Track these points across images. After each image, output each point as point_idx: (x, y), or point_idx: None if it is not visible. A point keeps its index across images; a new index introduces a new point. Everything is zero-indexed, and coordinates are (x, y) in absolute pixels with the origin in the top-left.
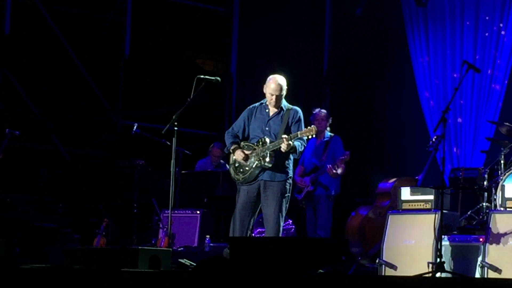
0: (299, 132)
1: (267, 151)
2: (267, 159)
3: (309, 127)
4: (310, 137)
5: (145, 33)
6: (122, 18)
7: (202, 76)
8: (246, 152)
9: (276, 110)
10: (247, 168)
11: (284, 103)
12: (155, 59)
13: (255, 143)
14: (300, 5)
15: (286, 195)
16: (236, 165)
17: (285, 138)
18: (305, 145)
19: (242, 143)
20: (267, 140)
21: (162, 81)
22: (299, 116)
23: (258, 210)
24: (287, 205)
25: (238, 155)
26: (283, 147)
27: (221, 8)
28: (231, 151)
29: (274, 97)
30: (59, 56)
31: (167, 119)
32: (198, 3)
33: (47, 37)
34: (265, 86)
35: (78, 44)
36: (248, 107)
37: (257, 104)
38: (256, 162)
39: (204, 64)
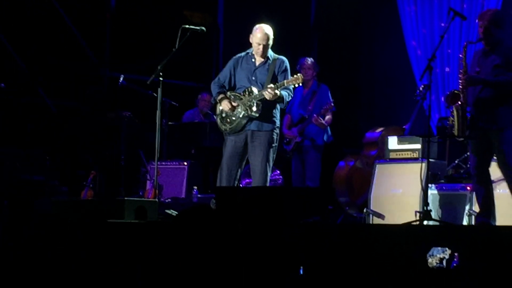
0: (285, 81)
1: (253, 100)
2: (254, 109)
3: (295, 76)
4: (296, 85)
5: None
6: None
7: (187, 26)
8: (233, 102)
9: (262, 60)
10: (234, 118)
11: (270, 53)
12: (141, 11)
13: (242, 93)
14: None
15: (274, 145)
16: (223, 115)
17: (270, 87)
18: (292, 95)
19: (228, 93)
20: (254, 89)
21: (149, 33)
22: (286, 66)
23: (245, 160)
24: (275, 155)
25: (224, 105)
26: (267, 96)
27: None
28: (217, 101)
29: (261, 46)
30: (44, 9)
31: (154, 71)
32: None
33: None
34: (251, 36)
35: None
36: (234, 57)
37: (243, 54)
38: (243, 112)
39: (192, 17)
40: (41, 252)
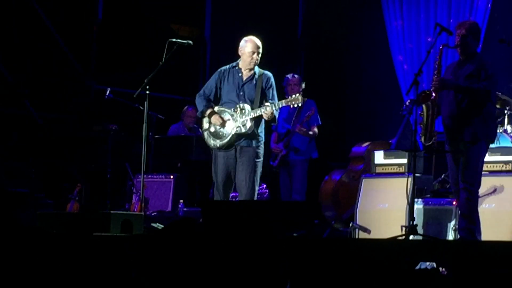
0: (284, 101)
1: (247, 118)
2: (247, 126)
3: (294, 96)
4: (295, 106)
5: None
6: None
7: (173, 40)
8: (223, 117)
9: (249, 74)
10: (224, 134)
11: (256, 68)
12: (128, 24)
13: (233, 109)
14: None
15: (260, 160)
16: (212, 130)
17: (269, 107)
18: (279, 112)
19: (217, 108)
20: (246, 106)
21: (136, 46)
22: (272, 82)
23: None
24: (261, 170)
25: (215, 120)
26: (265, 116)
27: None
28: (206, 115)
29: (255, 55)
30: (31, 21)
31: (141, 84)
32: None
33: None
34: (241, 48)
35: (50, 8)
36: (218, 70)
37: (227, 67)
38: (236, 128)
39: (179, 30)
40: (26, 265)
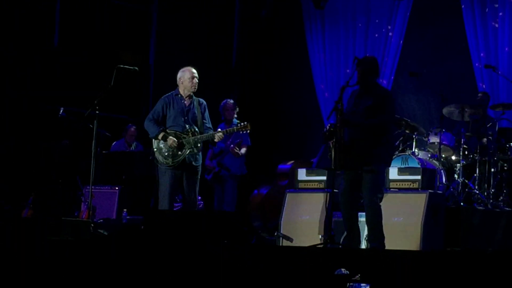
0: (235, 128)
1: (200, 140)
2: (199, 147)
3: (244, 123)
4: (245, 132)
5: (73, 26)
6: (52, 11)
7: (121, 66)
8: (176, 139)
9: (190, 101)
10: (179, 154)
11: (192, 95)
12: (81, 49)
13: (184, 132)
14: (213, 5)
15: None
16: (165, 150)
17: (220, 133)
18: None
19: (169, 131)
20: (197, 130)
21: (88, 69)
22: (206, 106)
23: None
24: None
25: (172, 142)
26: (217, 139)
27: (142, 7)
28: (159, 138)
29: (195, 79)
30: None
31: (89, 103)
32: (121, 1)
33: None
34: (180, 77)
35: (6, 22)
36: (163, 97)
37: (169, 94)
38: (189, 149)
39: (123, 56)
40: None
